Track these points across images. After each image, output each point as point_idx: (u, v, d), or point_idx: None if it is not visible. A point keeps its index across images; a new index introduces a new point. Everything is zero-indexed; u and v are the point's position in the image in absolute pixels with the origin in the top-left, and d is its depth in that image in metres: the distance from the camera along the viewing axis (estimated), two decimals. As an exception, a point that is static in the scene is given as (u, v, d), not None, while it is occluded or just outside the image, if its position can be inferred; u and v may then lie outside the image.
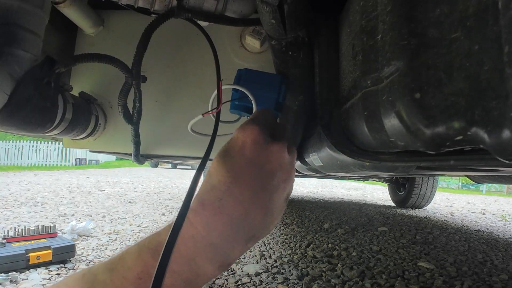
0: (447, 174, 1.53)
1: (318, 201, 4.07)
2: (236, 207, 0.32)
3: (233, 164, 0.33)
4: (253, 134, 0.34)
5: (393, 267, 1.45)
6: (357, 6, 0.35)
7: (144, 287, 0.31)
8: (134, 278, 0.31)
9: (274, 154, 0.34)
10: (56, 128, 0.79)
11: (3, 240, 1.37)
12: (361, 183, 8.29)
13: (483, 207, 4.60)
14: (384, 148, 0.34)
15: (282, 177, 0.34)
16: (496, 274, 1.42)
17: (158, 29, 0.73)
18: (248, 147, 0.33)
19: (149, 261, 0.31)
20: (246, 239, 0.33)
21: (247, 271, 1.34)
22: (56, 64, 0.71)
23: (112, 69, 0.75)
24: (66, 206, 2.98)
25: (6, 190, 3.92)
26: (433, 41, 0.23)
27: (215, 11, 0.69)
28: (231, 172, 0.33)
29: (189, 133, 0.46)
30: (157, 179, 7.05)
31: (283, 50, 0.50)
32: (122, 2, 0.69)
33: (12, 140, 11.13)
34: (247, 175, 0.33)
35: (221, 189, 0.32)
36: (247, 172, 0.33)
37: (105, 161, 14.60)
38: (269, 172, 0.33)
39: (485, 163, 0.27)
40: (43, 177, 6.19)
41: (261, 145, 0.33)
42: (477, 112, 0.20)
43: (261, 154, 0.33)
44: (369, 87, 0.31)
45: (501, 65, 0.17)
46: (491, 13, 0.18)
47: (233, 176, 0.32)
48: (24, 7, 0.64)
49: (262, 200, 0.33)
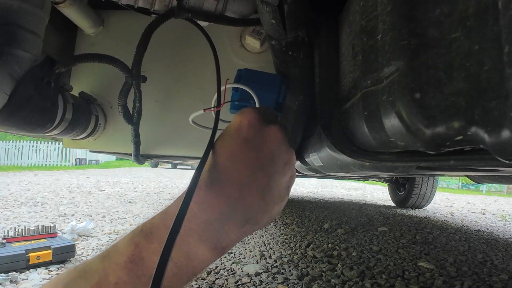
0: (447, 174, 1.53)
1: (318, 201, 4.07)
2: (232, 187, 0.31)
3: (231, 144, 0.33)
4: (250, 116, 0.34)
5: (393, 267, 1.45)
6: (357, 6, 0.35)
7: (137, 270, 0.29)
8: (125, 262, 0.30)
9: (271, 136, 0.34)
10: (56, 128, 0.79)
11: (3, 240, 1.37)
12: (361, 183, 8.29)
13: (483, 207, 4.60)
14: (384, 148, 0.34)
15: (281, 160, 0.34)
16: (496, 274, 1.42)
17: (158, 29, 0.73)
18: (245, 128, 0.33)
19: (142, 243, 0.30)
20: (241, 220, 0.32)
21: (247, 271, 1.34)
22: (56, 64, 0.71)
23: (112, 69, 0.75)
24: (66, 206, 2.98)
25: (6, 190, 3.92)
26: (433, 41, 0.23)
27: (215, 11, 0.69)
28: (228, 152, 0.33)
29: (189, 133, 0.46)
30: (157, 179, 7.05)
31: (283, 50, 0.50)
32: (122, 2, 0.69)
33: (12, 140, 11.13)
34: (244, 155, 0.33)
35: (217, 169, 0.32)
36: (244, 152, 0.33)
37: (105, 161, 14.60)
38: (267, 153, 0.33)
39: (485, 163, 0.27)
40: (43, 177, 6.19)
41: (258, 126, 0.34)
42: (477, 112, 0.20)
43: (258, 135, 0.34)
44: (369, 87, 0.31)
45: (501, 65, 0.17)
46: (491, 13, 0.18)
47: (230, 156, 0.32)
48: (24, 7, 0.64)
49: (259, 181, 0.32)
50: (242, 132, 0.33)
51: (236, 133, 0.34)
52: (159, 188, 4.96)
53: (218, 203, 0.31)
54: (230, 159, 0.32)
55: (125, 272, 0.29)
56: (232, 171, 0.32)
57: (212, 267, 1.38)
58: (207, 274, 1.31)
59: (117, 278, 0.29)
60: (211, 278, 1.27)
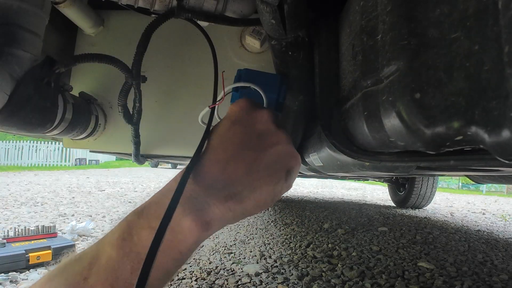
0: (447, 174, 1.53)
1: (318, 201, 4.07)
2: (217, 163, 0.33)
3: (222, 127, 0.36)
4: (241, 103, 0.37)
5: (393, 267, 1.45)
6: (357, 6, 0.35)
7: (126, 247, 0.29)
8: (116, 239, 0.30)
9: (259, 117, 0.36)
10: (56, 128, 0.79)
11: (3, 240, 1.37)
12: (361, 183, 8.29)
13: (483, 207, 4.60)
14: (384, 148, 0.34)
15: (270, 139, 0.35)
16: (496, 274, 1.42)
17: (158, 29, 0.73)
18: (235, 112, 0.36)
19: (134, 220, 0.31)
20: (225, 195, 0.31)
21: (247, 271, 1.35)
22: (56, 64, 0.70)
23: (112, 69, 0.75)
24: (66, 206, 2.98)
25: (6, 190, 3.92)
26: (433, 41, 0.23)
27: (215, 11, 0.69)
28: (218, 134, 0.35)
29: (189, 133, 0.46)
30: (157, 179, 7.05)
31: (283, 50, 0.50)
32: (122, 2, 0.69)
33: (12, 140, 11.13)
34: (232, 134, 0.35)
35: (207, 149, 0.34)
36: (232, 132, 0.35)
37: (105, 161, 14.60)
38: (255, 133, 0.35)
39: (485, 163, 0.27)
40: (43, 177, 6.18)
41: (247, 110, 0.36)
42: (477, 112, 0.20)
43: (247, 117, 0.36)
44: (369, 87, 0.31)
45: (501, 65, 0.17)
46: (491, 13, 0.18)
47: (219, 136, 0.35)
48: (24, 7, 0.64)
49: (245, 158, 0.33)
50: (232, 116, 0.36)
51: (227, 117, 0.37)
52: (159, 188, 4.95)
53: (202, 178, 0.32)
54: (219, 139, 0.35)
55: (115, 249, 0.29)
56: (219, 149, 0.34)
57: (212, 267, 1.38)
58: (207, 274, 1.31)
59: (108, 257, 0.29)
60: (211, 278, 1.27)
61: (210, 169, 0.33)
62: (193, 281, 1.24)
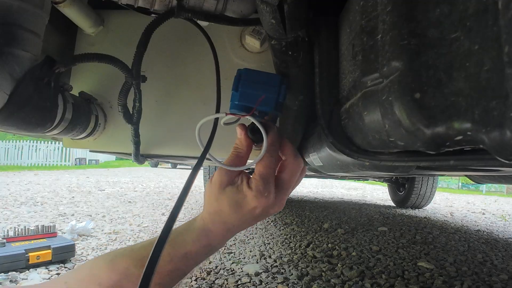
0: (447, 174, 1.53)
1: (318, 201, 4.07)
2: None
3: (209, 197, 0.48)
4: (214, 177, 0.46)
5: (393, 267, 1.45)
6: (357, 6, 0.35)
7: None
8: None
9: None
10: (56, 128, 0.79)
11: (3, 240, 1.37)
12: (361, 183, 8.29)
13: (483, 207, 4.60)
14: (384, 148, 0.34)
15: (248, 207, 0.46)
16: (496, 274, 1.42)
17: (158, 29, 0.73)
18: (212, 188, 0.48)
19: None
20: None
21: (247, 271, 1.35)
22: (56, 64, 0.70)
23: (112, 69, 0.75)
24: (66, 206, 2.98)
25: (6, 190, 3.92)
26: (433, 41, 0.23)
27: (215, 11, 0.69)
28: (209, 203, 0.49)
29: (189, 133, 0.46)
30: (157, 179, 7.05)
31: (283, 50, 0.50)
32: (122, 2, 0.69)
33: (12, 140, 11.13)
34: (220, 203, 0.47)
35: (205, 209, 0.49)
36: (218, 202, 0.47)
37: (105, 161, 14.60)
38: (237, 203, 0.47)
39: (485, 163, 0.27)
40: (43, 177, 6.18)
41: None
42: (477, 112, 0.20)
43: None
44: (369, 87, 0.31)
45: (501, 65, 0.17)
46: (491, 13, 0.18)
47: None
48: (24, 7, 0.64)
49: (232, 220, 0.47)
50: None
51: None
52: (159, 188, 4.96)
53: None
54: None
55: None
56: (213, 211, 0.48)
57: (212, 267, 1.38)
58: (207, 274, 1.31)
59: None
60: (211, 278, 1.27)
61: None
62: (192, 281, 1.24)
